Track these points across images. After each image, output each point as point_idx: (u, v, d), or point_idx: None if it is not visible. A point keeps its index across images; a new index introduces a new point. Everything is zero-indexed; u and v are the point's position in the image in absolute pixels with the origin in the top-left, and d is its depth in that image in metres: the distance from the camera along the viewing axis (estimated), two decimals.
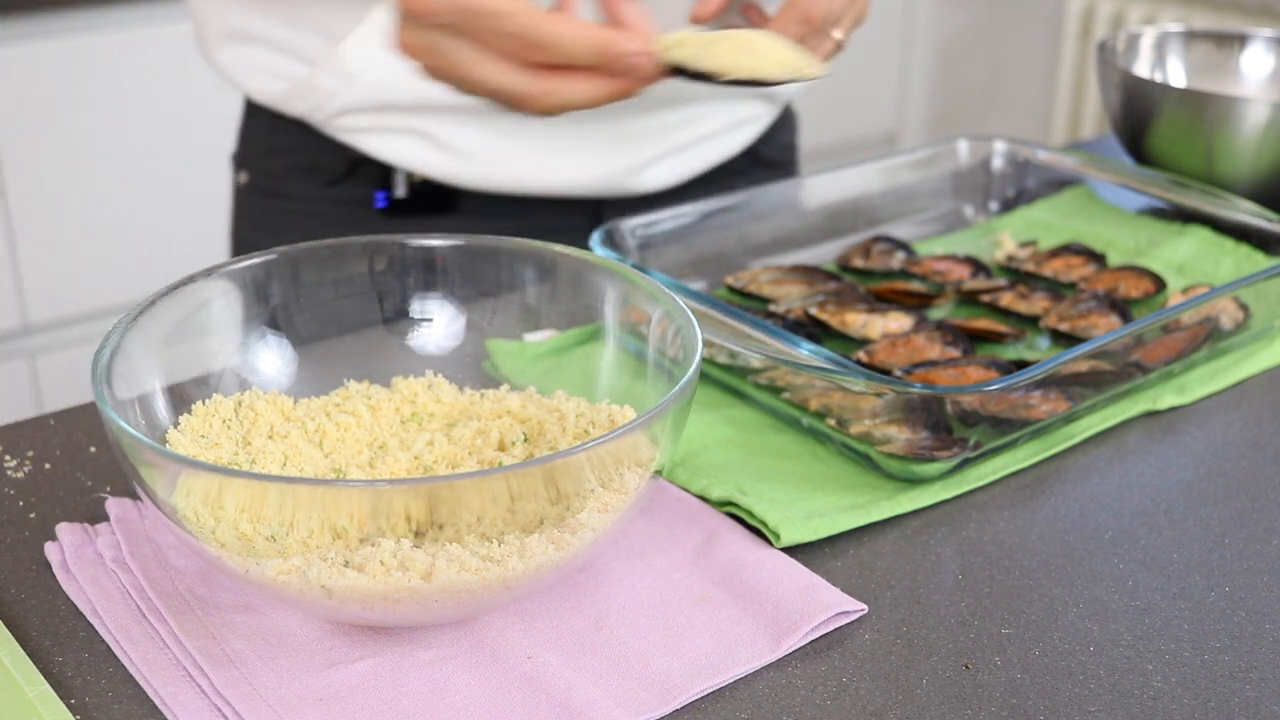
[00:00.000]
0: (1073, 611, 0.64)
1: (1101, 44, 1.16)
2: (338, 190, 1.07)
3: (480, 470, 0.66)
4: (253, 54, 1.03)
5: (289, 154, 1.08)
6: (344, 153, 1.05)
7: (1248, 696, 0.59)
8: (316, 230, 1.05)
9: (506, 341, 0.78)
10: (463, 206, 1.06)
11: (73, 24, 1.94)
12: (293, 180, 1.08)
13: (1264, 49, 1.19)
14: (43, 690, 0.57)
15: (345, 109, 1.01)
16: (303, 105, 1.02)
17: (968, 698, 0.59)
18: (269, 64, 1.02)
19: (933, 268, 0.97)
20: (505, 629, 0.61)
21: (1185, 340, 0.82)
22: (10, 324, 2.03)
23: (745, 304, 0.91)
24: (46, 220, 2.00)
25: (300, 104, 1.02)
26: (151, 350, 0.66)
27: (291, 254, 0.72)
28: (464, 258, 0.75)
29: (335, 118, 1.02)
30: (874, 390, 0.72)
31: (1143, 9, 2.64)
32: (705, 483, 0.72)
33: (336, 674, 0.59)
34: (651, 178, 1.05)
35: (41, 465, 0.74)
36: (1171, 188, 1.02)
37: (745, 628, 0.62)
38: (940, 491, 0.72)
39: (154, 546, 0.66)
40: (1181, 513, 0.72)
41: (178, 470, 0.56)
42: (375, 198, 1.06)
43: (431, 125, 1.01)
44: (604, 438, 0.57)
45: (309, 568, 0.56)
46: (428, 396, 0.72)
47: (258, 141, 1.10)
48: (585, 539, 0.59)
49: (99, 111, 1.97)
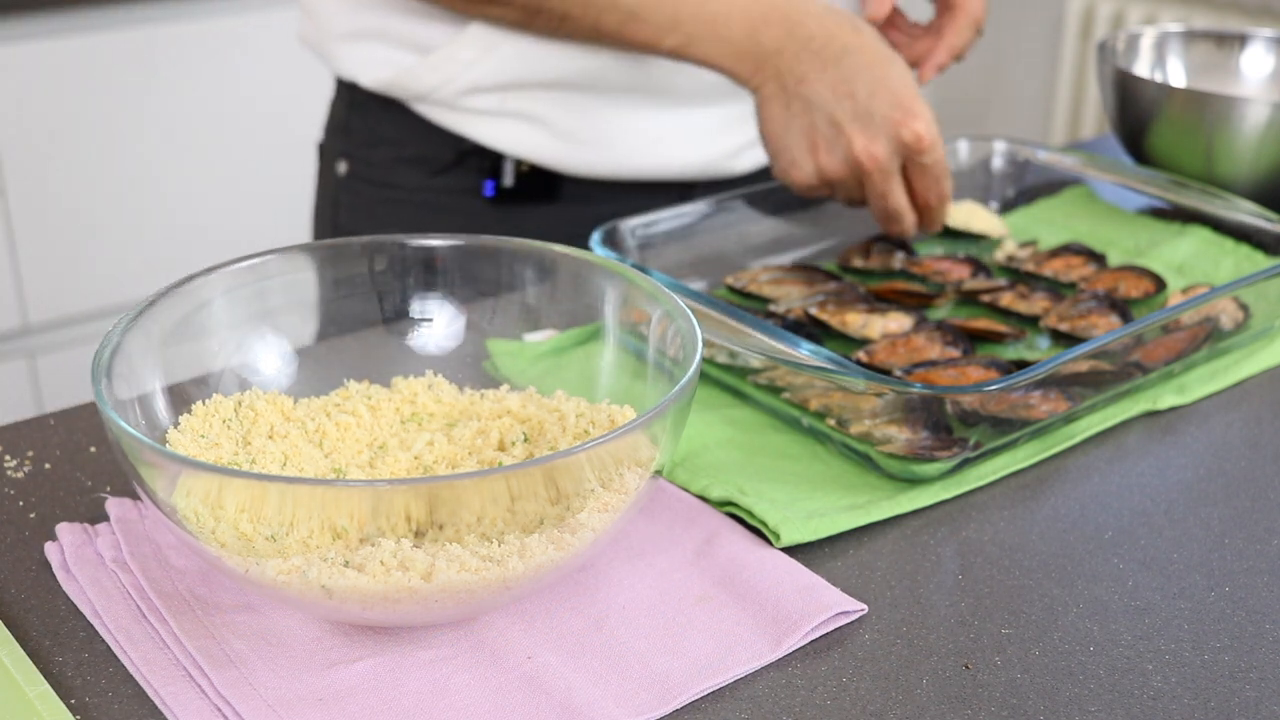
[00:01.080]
0: (1073, 611, 0.64)
1: (1101, 44, 1.16)
2: (444, 179, 1.09)
3: (480, 470, 0.66)
4: (369, 48, 1.06)
5: (394, 144, 1.10)
6: (453, 142, 1.08)
7: (1248, 696, 0.59)
8: (423, 220, 1.09)
9: (506, 341, 0.78)
10: (564, 193, 1.09)
11: (73, 24, 1.94)
12: (398, 170, 1.10)
13: (1264, 49, 1.19)
14: (43, 690, 0.57)
15: (472, 87, 1.03)
16: (424, 84, 1.04)
17: (968, 698, 0.59)
18: (385, 55, 1.05)
19: (933, 268, 0.97)
20: (505, 629, 0.61)
21: (1185, 340, 0.82)
22: (10, 324, 2.03)
23: (745, 304, 0.91)
24: (46, 220, 2.00)
25: (421, 83, 1.04)
26: (151, 350, 0.66)
27: (291, 254, 0.72)
28: (464, 258, 0.75)
29: (460, 97, 1.04)
30: (874, 390, 0.72)
31: (1143, 9, 2.64)
32: (705, 483, 0.72)
33: (336, 674, 0.59)
34: (745, 160, 1.11)
35: (41, 465, 0.74)
36: (1171, 188, 1.02)
37: (745, 628, 0.62)
38: (940, 491, 0.72)
39: (154, 546, 0.66)
40: (1181, 513, 0.72)
41: (178, 470, 0.56)
42: (484, 186, 1.09)
43: (549, 109, 1.04)
44: (604, 438, 0.57)
45: (309, 568, 0.56)
46: (428, 396, 0.72)
47: (361, 132, 1.12)
48: (585, 539, 0.59)
49: (99, 111, 1.97)
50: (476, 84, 1.03)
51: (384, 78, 1.06)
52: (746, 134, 1.10)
